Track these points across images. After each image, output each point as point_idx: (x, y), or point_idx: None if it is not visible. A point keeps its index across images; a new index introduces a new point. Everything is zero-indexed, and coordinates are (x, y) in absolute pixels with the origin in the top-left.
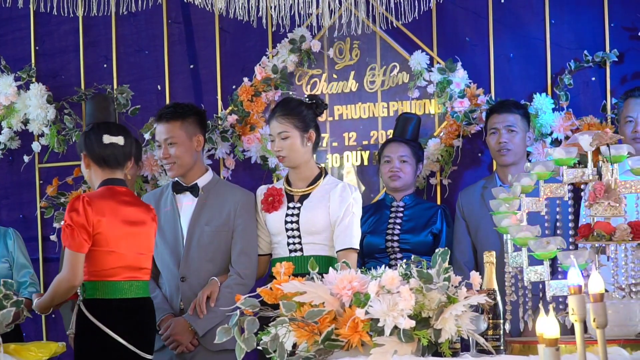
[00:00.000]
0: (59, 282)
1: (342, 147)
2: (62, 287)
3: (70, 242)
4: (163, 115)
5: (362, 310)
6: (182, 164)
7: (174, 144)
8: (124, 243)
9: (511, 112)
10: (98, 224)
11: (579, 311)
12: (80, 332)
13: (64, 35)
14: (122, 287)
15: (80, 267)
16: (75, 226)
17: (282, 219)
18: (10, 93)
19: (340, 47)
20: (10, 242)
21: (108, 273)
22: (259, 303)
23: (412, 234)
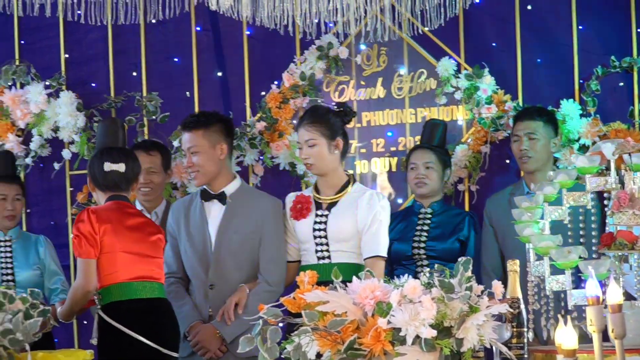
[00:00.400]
0: (74, 290)
1: (370, 154)
2: (78, 294)
3: (79, 250)
4: (186, 124)
5: (384, 320)
6: (205, 172)
7: (196, 153)
8: (132, 247)
9: (533, 119)
10: (104, 231)
11: (597, 322)
12: (102, 337)
13: (93, 43)
14: (136, 288)
15: (92, 272)
16: (83, 235)
17: (311, 226)
18: (41, 101)
19: (367, 53)
20: (42, 250)
21: (119, 275)
22: (281, 313)
23: (439, 241)
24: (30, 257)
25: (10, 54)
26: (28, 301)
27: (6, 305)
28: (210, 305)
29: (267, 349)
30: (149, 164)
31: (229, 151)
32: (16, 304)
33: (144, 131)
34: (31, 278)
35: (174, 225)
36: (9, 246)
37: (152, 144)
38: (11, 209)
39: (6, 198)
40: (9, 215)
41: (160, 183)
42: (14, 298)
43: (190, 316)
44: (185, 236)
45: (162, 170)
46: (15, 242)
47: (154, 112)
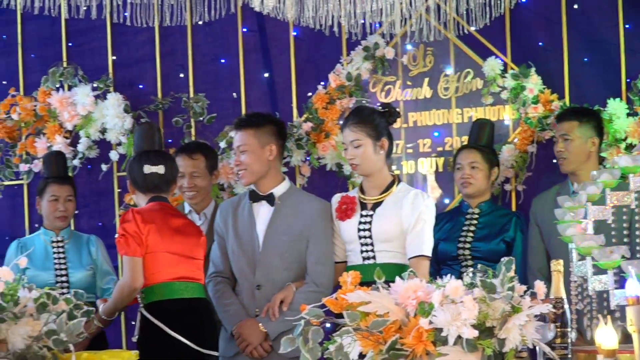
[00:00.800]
0: (121, 287)
1: (416, 154)
2: (125, 291)
3: (126, 249)
4: (238, 123)
5: (426, 320)
6: (252, 171)
7: (244, 152)
8: (174, 247)
9: (567, 120)
10: (148, 231)
11: (637, 322)
12: (143, 335)
13: (140, 45)
14: (178, 288)
15: (139, 270)
16: (129, 234)
17: (355, 226)
18: (88, 103)
19: (413, 54)
20: (94, 250)
21: (162, 275)
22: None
23: (484, 242)
24: (83, 257)
25: (57, 56)
26: (72, 302)
27: (50, 306)
28: (257, 306)
29: (308, 349)
30: (192, 168)
31: (278, 153)
32: (60, 304)
33: (190, 132)
34: (85, 278)
35: (222, 225)
36: (61, 247)
37: (195, 147)
38: (63, 209)
39: (58, 199)
40: (61, 216)
41: (205, 186)
42: (58, 299)
43: (238, 315)
44: (233, 236)
45: (206, 174)
46: (67, 243)
47: (201, 113)
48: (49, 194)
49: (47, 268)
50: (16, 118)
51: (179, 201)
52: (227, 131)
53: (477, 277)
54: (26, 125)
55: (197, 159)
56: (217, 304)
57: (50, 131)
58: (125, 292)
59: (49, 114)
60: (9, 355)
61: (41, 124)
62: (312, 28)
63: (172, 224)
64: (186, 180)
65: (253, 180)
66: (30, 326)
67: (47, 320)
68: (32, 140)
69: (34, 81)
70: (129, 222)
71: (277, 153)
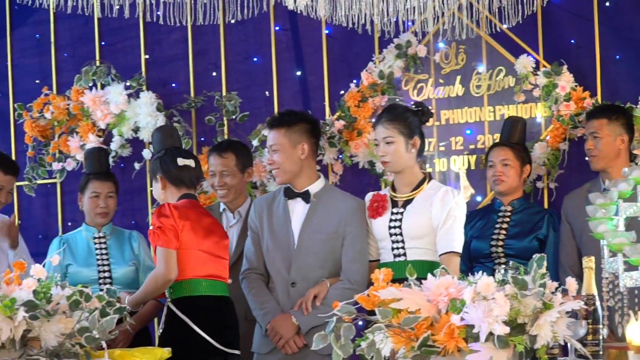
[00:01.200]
0: (154, 278)
1: (449, 152)
2: (159, 282)
3: (162, 240)
4: (270, 122)
5: (457, 317)
6: (284, 170)
7: (276, 151)
8: (205, 246)
9: (595, 118)
10: (183, 226)
11: None
12: (167, 329)
13: (173, 44)
14: (206, 286)
15: (174, 262)
16: (165, 227)
17: (386, 224)
18: (121, 101)
19: (446, 52)
20: (136, 245)
21: (192, 272)
22: (355, 310)
23: (517, 240)
24: (126, 253)
25: (90, 55)
26: (104, 299)
27: (82, 303)
28: (292, 303)
29: (340, 346)
30: (222, 167)
31: (311, 151)
32: (92, 302)
33: (223, 131)
34: (127, 274)
35: (256, 221)
36: (103, 243)
37: (227, 146)
38: (104, 206)
39: (99, 195)
40: (102, 213)
41: (235, 184)
42: (90, 296)
43: (273, 312)
44: (268, 233)
45: (236, 172)
46: (109, 239)
47: (234, 111)
48: (90, 190)
49: (90, 264)
50: (49, 117)
51: (213, 199)
52: (259, 129)
53: (509, 274)
54: (59, 124)
55: (227, 158)
56: (252, 301)
57: (83, 130)
58: (160, 283)
59: (82, 112)
60: (41, 352)
61: (74, 123)
62: (345, 26)
63: (204, 223)
64: (217, 179)
65: (286, 179)
66: (62, 323)
67: (80, 317)
68: (65, 139)
69: (67, 80)
70: (166, 216)
71: (309, 151)
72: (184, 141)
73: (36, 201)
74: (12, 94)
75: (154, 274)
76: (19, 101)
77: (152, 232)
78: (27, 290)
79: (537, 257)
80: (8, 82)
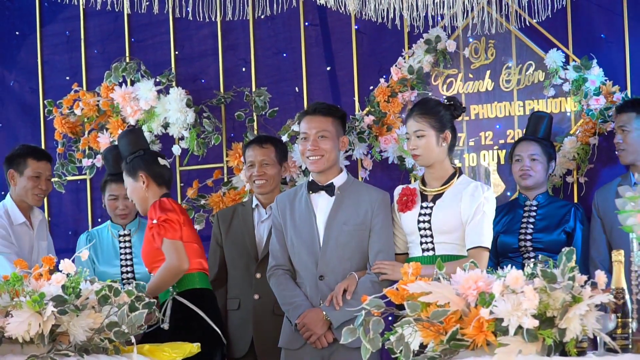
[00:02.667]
0: (168, 270)
1: (478, 147)
2: (172, 272)
3: (171, 232)
4: (318, 109)
5: (486, 310)
6: (328, 158)
7: (325, 138)
8: (197, 239)
9: (624, 112)
10: (183, 221)
11: None
12: (177, 321)
13: (203, 40)
14: (200, 278)
15: (184, 253)
16: (171, 220)
17: (415, 218)
18: (151, 97)
19: (475, 46)
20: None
21: (193, 265)
22: (384, 304)
23: (545, 233)
24: None
25: (120, 51)
26: (133, 294)
27: (112, 298)
28: (321, 296)
29: (369, 339)
30: (262, 156)
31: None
32: (122, 296)
33: (253, 126)
34: None
35: (279, 217)
36: (128, 241)
37: (266, 138)
38: (122, 207)
39: (117, 198)
40: (121, 215)
41: (274, 175)
42: (119, 291)
43: (303, 306)
44: (292, 228)
45: (276, 163)
46: (134, 236)
47: (263, 107)
48: (108, 193)
49: (113, 264)
50: (79, 113)
51: (242, 195)
52: (289, 125)
53: (538, 267)
54: (89, 120)
55: (267, 148)
56: (281, 296)
57: (113, 126)
58: (173, 274)
59: (112, 109)
60: (70, 347)
61: (104, 119)
62: (374, 21)
63: (189, 218)
64: (256, 169)
65: (326, 168)
66: (91, 318)
67: (109, 312)
68: (95, 135)
69: (97, 76)
70: (170, 210)
71: (346, 145)
72: (214, 137)
73: (66, 197)
74: (42, 91)
75: (167, 266)
76: (49, 98)
77: (158, 225)
78: (56, 285)
79: (566, 250)
80: (38, 78)
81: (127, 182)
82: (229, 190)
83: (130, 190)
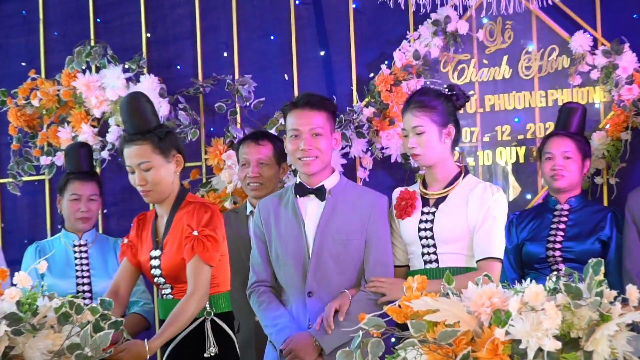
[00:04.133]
0: (196, 300)
1: (494, 142)
2: (199, 305)
3: (209, 253)
4: (310, 102)
5: (502, 330)
6: (323, 159)
7: (321, 136)
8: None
9: None
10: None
11: None
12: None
13: (178, 21)
14: (224, 300)
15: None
16: (215, 238)
17: (416, 225)
18: (119, 86)
19: (490, 28)
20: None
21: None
22: (384, 323)
23: (577, 242)
24: (109, 264)
25: (84, 34)
26: (98, 312)
27: (73, 316)
28: (310, 316)
29: None
30: (259, 155)
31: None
32: (85, 315)
33: (235, 119)
34: None
35: (262, 226)
36: (84, 252)
37: (263, 134)
38: (85, 210)
39: (80, 198)
40: (82, 217)
41: (271, 177)
42: (82, 308)
43: (288, 329)
44: (277, 238)
45: (274, 163)
46: (91, 247)
47: (247, 97)
48: (70, 192)
49: (68, 276)
50: (37, 104)
51: (223, 198)
52: (277, 118)
53: (561, 281)
54: (48, 112)
55: (264, 145)
56: (263, 317)
57: (75, 119)
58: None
59: (74, 99)
60: None
61: (65, 111)
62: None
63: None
64: (251, 169)
65: (320, 170)
66: (50, 339)
67: (70, 332)
68: (55, 129)
69: (57, 62)
70: (219, 227)
71: (339, 143)
72: (191, 132)
73: (21, 201)
74: None
75: (196, 297)
76: (3, 87)
77: (199, 239)
78: (10, 301)
79: (593, 261)
80: None
81: (153, 160)
82: (208, 193)
83: (156, 172)
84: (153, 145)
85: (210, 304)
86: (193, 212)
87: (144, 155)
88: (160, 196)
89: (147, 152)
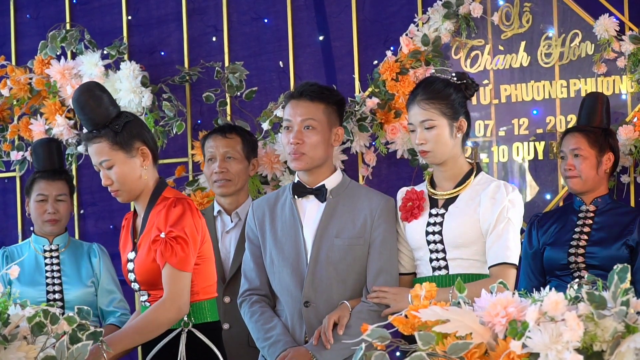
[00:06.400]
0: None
1: (510, 137)
2: (173, 317)
3: (179, 258)
4: (305, 92)
5: (518, 343)
6: (313, 155)
7: (313, 129)
8: (211, 252)
9: None
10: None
11: None
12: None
13: (162, 2)
14: (208, 308)
15: (189, 290)
16: (185, 238)
17: (423, 229)
18: (97, 74)
19: (507, 11)
20: (95, 261)
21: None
22: (389, 334)
23: (602, 247)
24: (83, 271)
25: (59, 16)
26: (75, 321)
27: (48, 326)
28: (306, 328)
29: None
30: (226, 148)
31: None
32: (61, 325)
33: (225, 110)
34: (83, 296)
35: (256, 229)
36: (56, 257)
37: (230, 127)
38: (52, 212)
39: (46, 199)
40: (50, 220)
41: (239, 173)
42: (58, 318)
43: (282, 342)
44: (272, 242)
45: (242, 158)
46: (63, 253)
47: (239, 86)
48: (36, 193)
49: (37, 283)
50: (7, 94)
51: (211, 197)
52: (271, 109)
53: (583, 290)
54: (19, 103)
55: (232, 139)
56: (255, 329)
57: (49, 110)
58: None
59: (48, 88)
60: None
61: (38, 102)
62: None
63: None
64: (217, 164)
65: (309, 167)
66: (23, 351)
67: (45, 344)
68: (27, 121)
69: (30, 48)
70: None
71: (341, 139)
72: (176, 124)
73: None
74: None
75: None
76: None
77: (165, 242)
78: None
79: (618, 267)
80: None
81: (113, 156)
82: (194, 192)
83: (120, 169)
84: (110, 141)
85: (189, 313)
86: (162, 209)
87: (102, 153)
88: (131, 194)
89: (105, 149)
